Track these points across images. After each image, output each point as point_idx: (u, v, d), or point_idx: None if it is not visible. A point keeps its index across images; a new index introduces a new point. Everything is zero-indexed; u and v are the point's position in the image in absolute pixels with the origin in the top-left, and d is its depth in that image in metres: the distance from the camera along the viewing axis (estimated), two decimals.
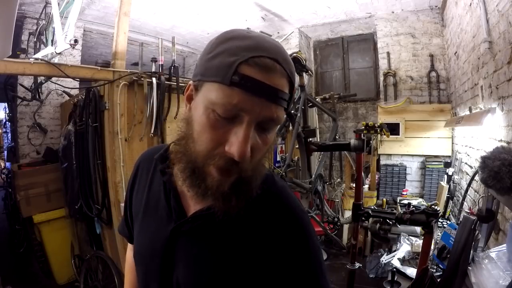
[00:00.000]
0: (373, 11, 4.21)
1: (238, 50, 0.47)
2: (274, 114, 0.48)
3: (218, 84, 0.47)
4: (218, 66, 0.47)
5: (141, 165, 0.73)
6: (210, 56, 0.49)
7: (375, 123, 2.07)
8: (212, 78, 0.48)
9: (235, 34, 0.50)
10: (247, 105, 0.46)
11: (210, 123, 0.48)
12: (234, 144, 0.47)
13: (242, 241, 0.56)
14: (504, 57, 1.79)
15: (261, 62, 0.46)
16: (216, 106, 0.47)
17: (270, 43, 0.50)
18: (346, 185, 4.14)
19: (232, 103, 0.46)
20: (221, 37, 0.51)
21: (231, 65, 0.46)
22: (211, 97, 0.47)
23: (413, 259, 2.44)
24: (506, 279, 1.30)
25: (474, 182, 2.43)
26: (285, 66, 0.49)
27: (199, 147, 0.50)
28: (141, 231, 0.67)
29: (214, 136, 0.48)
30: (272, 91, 0.47)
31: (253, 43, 0.48)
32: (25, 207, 2.92)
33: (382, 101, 4.26)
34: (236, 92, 0.46)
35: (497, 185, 1.28)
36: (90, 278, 2.63)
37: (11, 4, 0.95)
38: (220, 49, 0.49)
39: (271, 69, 0.47)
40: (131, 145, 2.36)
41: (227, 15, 4.18)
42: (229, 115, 0.47)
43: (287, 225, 0.58)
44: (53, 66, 2.10)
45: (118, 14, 2.39)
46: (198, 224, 0.57)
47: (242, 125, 0.47)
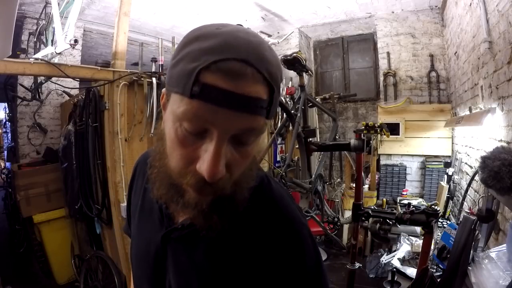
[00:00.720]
0: (373, 11, 4.21)
1: (200, 54, 0.40)
2: (249, 125, 0.42)
3: (180, 96, 0.41)
4: (178, 75, 0.41)
5: (138, 167, 0.72)
6: (174, 63, 0.43)
7: (375, 123, 2.07)
8: (174, 88, 0.42)
9: (201, 33, 0.43)
10: (213, 118, 0.40)
11: (178, 139, 0.43)
12: (204, 163, 0.42)
13: (232, 251, 0.53)
14: (504, 57, 1.79)
15: (225, 66, 0.39)
16: (182, 119, 0.41)
17: (241, 40, 0.41)
18: (346, 185, 4.14)
19: (196, 116, 0.40)
20: (186, 37, 0.45)
21: (191, 73, 0.39)
22: (175, 110, 0.42)
23: (413, 259, 2.44)
24: (506, 279, 1.30)
25: (474, 182, 2.43)
26: (260, 67, 0.41)
27: (172, 163, 0.46)
28: (136, 234, 0.66)
29: (184, 153, 0.43)
30: (242, 100, 0.39)
31: (218, 43, 0.40)
32: (25, 207, 2.92)
33: (382, 101, 4.26)
34: (198, 105, 0.39)
35: (497, 185, 1.28)
36: (90, 278, 2.63)
37: (11, 4, 0.95)
38: (183, 54, 0.42)
39: (238, 74, 0.39)
40: (131, 145, 2.36)
41: (227, 15, 4.18)
42: (197, 130, 0.41)
43: (282, 235, 0.53)
44: (53, 66, 2.10)
45: (118, 14, 2.39)
46: (187, 233, 0.54)
47: (212, 141, 0.41)
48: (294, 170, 3.03)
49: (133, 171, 0.74)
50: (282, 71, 0.47)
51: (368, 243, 3.59)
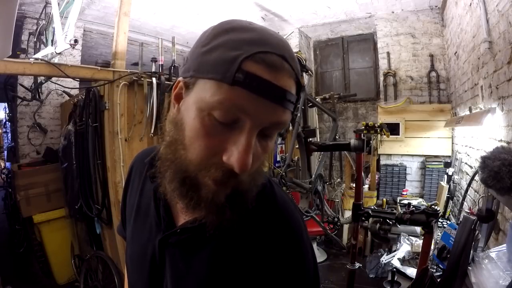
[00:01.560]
0: (373, 11, 4.21)
1: (241, 44, 0.41)
2: (280, 118, 0.42)
3: (217, 82, 0.40)
4: (216, 61, 0.40)
5: (134, 167, 0.69)
6: (206, 49, 0.42)
7: (375, 123, 2.08)
8: (209, 74, 0.41)
9: (236, 25, 0.43)
10: (251, 108, 0.40)
11: (205, 128, 0.42)
12: (234, 154, 0.41)
13: (231, 257, 0.51)
14: (504, 57, 1.79)
15: (268, 59, 0.40)
16: (213, 108, 0.40)
17: (275, 38, 0.43)
18: (346, 185, 4.14)
19: (234, 105, 0.40)
20: (218, 27, 0.44)
21: (234, 60, 0.39)
22: (206, 98, 0.41)
23: (413, 259, 2.44)
24: (506, 279, 1.30)
25: (474, 182, 2.43)
26: (293, 65, 0.43)
27: (191, 155, 0.43)
28: (132, 236, 0.64)
29: (209, 144, 0.42)
30: (280, 92, 0.41)
31: (257, 36, 0.41)
32: (25, 207, 2.92)
33: (382, 101, 4.26)
34: (239, 92, 0.39)
35: (497, 185, 1.28)
36: (90, 278, 2.63)
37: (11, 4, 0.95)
38: (219, 42, 0.42)
39: (279, 67, 0.41)
40: (131, 145, 2.36)
41: (227, 15, 4.17)
42: (229, 119, 0.41)
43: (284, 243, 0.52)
44: (53, 66, 2.10)
45: (118, 14, 2.39)
46: (186, 237, 0.52)
47: (244, 132, 0.41)
48: (294, 170, 3.03)
49: (128, 171, 0.71)
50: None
51: (368, 243, 3.59)
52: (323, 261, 3.59)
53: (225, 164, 0.42)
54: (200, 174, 0.44)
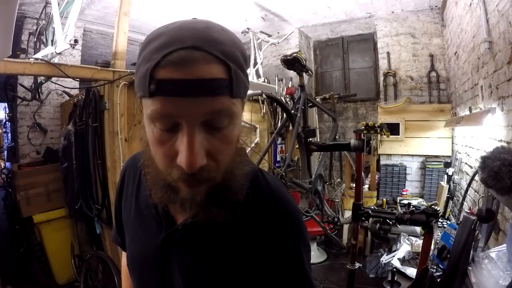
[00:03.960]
0: (373, 11, 4.21)
1: (151, 54, 0.42)
2: (213, 107, 0.42)
3: (144, 99, 0.43)
4: (139, 80, 0.44)
5: (127, 172, 0.70)
6: (136, 69, 0.46)
7: (375, 123, 2.07)
8: (139, 93, 0.44)
9: (152, 36, 0.44)
10: (177, 110, 0.41)
11: (156, 139, 0.45)
12: (182, 155, 0.42)
13: (234, 246, 0.54)
14: (504, 57, 1.79)
15: (174, 58, 0.40)
16: (153, 120, 0.43)
17: (186, 30, 0.42)
18: (346, 185, 4.14)
19: (161, 113, 0.41)
20: (142, 43, 0.46)
21: (145, 74, 0.41)
22: (146, 113, 0.44)
23: (413, 259, 2.44)
24: (506, 279, 1.30)
25: (474, 182, 2.43)
26: (209, 48, 0.41)
27: (158, 164, 0.47)
28: (132, 240, 0.65)
29: (164, 151, 0.45)
30: (197, 84, 0.40)
31: (165, 40, 0.41)
32: (25, 207, 2.92)
33: (382, 101, 4.26)
34: (159, 101, 0.41)
35: (497, 185, 1.28)
36: (90, 278, 2.63)
37: (11, 4, 0.95)
38: (140, 59, 0.45)
39: (187, 60, 0.40)
40: (131, 145, 2.36)
41: (227, 15, 4.18)
42: (168, 126, 0.43)
43: (281, 228, 0.55)
44: (53, 66, 2.09)
45: (118, 14, 2.39)
46: (188, 233, 0.55)
47: (183, 133, 0.42)
48: (294, 170, 3.03)
49: (121, 177, 0.71)
50: (241, 48, 0.47)
51: (368, 243, 3.59)
52: (323, 261, 3.59)
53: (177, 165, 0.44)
54: (170, 179, 0.46)
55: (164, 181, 0.48)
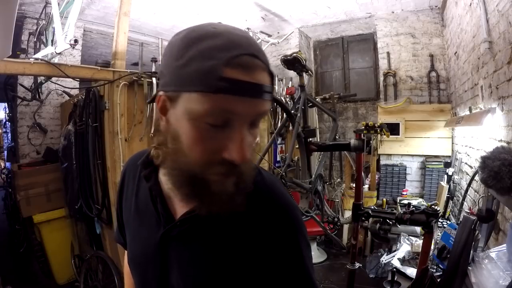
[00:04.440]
0: (373, 11, 4.21)
1: (213, 52, 0.44)
2: (262, 109, 0.47)
3: (202, 94, 0.44)
4: (196, 74, 0.44)
5: (127, 172, 0.71)
6: (182, 63, 0.45)
7: (375, 123, 2.07)
8: (192, 88, 0.44)
9: (202, 33, 0.46)
10: (237, 108, 0.45)
11: (201, 135, 0.46)
12: (233, 150, 0.46)
13: (233, 241, 0.55)
14: (504, 57, 1.79)
15: (241, 61, 0.44)
16: (205, 116, 0.45)
17: (241, 37, 0.47)
18: (346, 185, 4.14)
19: (222, 109, 0.44)
20: (186, 38, 0.47)
21: (212, 70, 0.43)
22: (196, 109, 0.45)
23: (413, 259, 2.44)
24: (506, 279, 1.30)
25: (474, 182, 2.43)
26: (263, 59, 0.47)
27: (194, 160, 0.48)
28: (133, 238, 0.66)
29: (208, 146, 0.47)
30: (258, 88, 0.45)
31: (226, 41, 0.45)
32: (25, 207, 2.92)
33: (382, 101, 4.26)
34: (224, 98, 0.43)
35: (497, 185, 1.28)
36: (90, 278, 2.63)
37: (11, 4, 0.95)
38: (192, 54, 0.44)
39: (252, 66, 0.45)
40: (131, 145, 2.36)
41: (227, 15, 4.18)
42: (220, 122, 0.45)
43: (278, 221, 0.56)
44: (53, 66, 2.09)
45: (118, 14, 2.39)
46: (186, 228, 0.56)
47: (236, 129, 0.46)
48: (294, 170, 3.03)
49: (122, 177, 0.72)
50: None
51: (368, 243, 3.59)
52: (323, 261, 3.59)
53: (226, 160, 0.47)
54: (207, 173, 0.48)
55: (193, 176, 0.49)
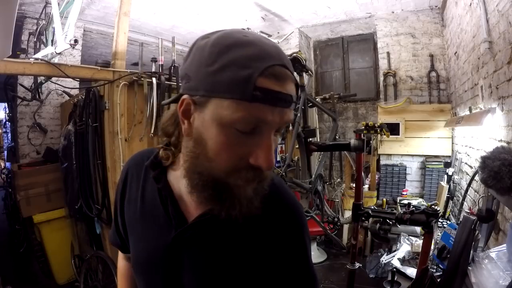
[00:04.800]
0: (373, 11, 4.21)
1: (248, 61, 0.45)
2: (289, 118, 0.49)
3: (236, 101, 0.44)
4: (230, 82, 0.44)
5: (130, 172, 0.69)
6: (214, 69, 0.45)
7: (375, 123, 2.07)
8: (225, 94, 0.45)
9: (234, 40, 0.47)
10: (268, 117, 0.46)
11: (230, 140, 0.47)
12: (261, 156, 0.47)
13: (245, 242, 0.57)
14: (504, 57, 1.79)
15: (275, 72, 0.45)
16: (236, 122, 0.45)
17: (271, 47, 0.48)
18: (346, 185, 4.14)
19: (255, 118, 0.45)
20: (218, 44, 0.47)
21: (248, 79, 0.44)
22: (228, 115, 0.45)
23: (413, 259, 2.44)
24: (506, 279, 1.30)
25: (474, 182, 2.43)
26: (291, 69, 0.49)
27: (219, 165, 0.48)
28: (138, 240, 0.64)
29: (236, 152, 0.48)
30: (288, 98, 0.47)
31: (259, 51, 0.46)
32: (25, 207, 2.92)
33: (382, 101, 4.26)
34: (258, 107, 0.45)
35: (497, 185, 1.28)
36: (90, 278, 2.63)
37: (11, 4, 0.95)
38: (226, 61, 0.45)
39: (283, 77, 0.47)
40: (131, 145, 2.36)
41: (227, 15, 4.18)
42: (249, 129, 0.46)
43: (288, 222, 0.59)
44: (53, 66, 2.09)
45: (118, 14, 2.39)
46: (200, 230, 0.56)
47: (264, 136, 0.48)
48: (294, 170, 3.03)
49: (123, 177, 0.70)
50: None
51: (368, 243, 3.58)
52: (323, 261, 3.59)
53: (252, 165, 0.48)
54: (230, 178, 0.49)
55: (216, 181, 0.49)
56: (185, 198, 0.58)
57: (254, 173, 0.49)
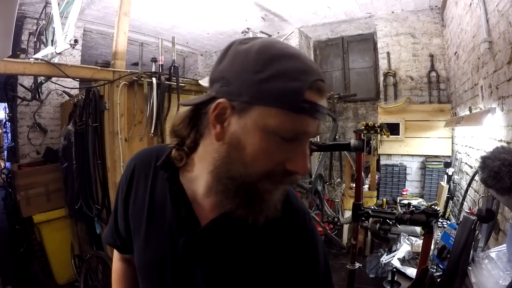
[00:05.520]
0: (373, 11, 4.21)
1: (296, 74, 0.47)
2: (320, 129, 0.52)
3: (283, 110, 0.46)
4: (280, 92, 0.46)
5: (137, 170, 0.66)
6: (263, 78, 0.46)
7: (375, 123, 2.08)
8: (273, 104, 0.46)
9: (280, 52, 0.48)
10: (310, 128, 0.49)
11: (271, 147, 0.48)
12: (299, 162, 0.50)
13: (259, 245, 0.57)
14: (504, 57, 1.79)
15: (319, 86, 0.48)
16: (280, 131, 0.47)
17: (312, 62, 0.51)
18: (346, 185, 4.14)
19: (299, 128, 0.48)
20: (265, 54, 0.48)
21: (298, 92, 0.46)
22: (273, 123, 0.47)
23: (413, 259, 2.44)
24: (506, 279, 1.30)
25: (474, 182, 2.43)
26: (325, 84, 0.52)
27: (255, 170, 0.49)
28: (146, 242, 0.62)
29: (274, 158, 0.49)
30: (324, 111, 0.50)
31: (304, 65, 0.48)
32: (25, 207, 2.92)
33: (382, 101, 4.26)
34: (302, 118, 0.47)
35: (497, 185, 1.28)
36: (90, 278, 2.63)
37: (11, 4, 0.95)
38: (275, 71, 0.46)
39: (324, 91, 0.50)
40: (131, 145, 2.36)
41: (227, 15, 4.18)
42: (291, 136, 0.48)
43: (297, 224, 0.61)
44: (53, 66, 2.10)
45: (118, 14, 2.39)
46: (213, 234, 0.56)
47: (302, 144, 0.50)
48: None
49: (128, 176, 0.67)
50: None
51: (368, 243, 3.58)
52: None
53: (288, 170, 0.50)
54: (261, 183, 0.50)
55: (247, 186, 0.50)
56: (198, 201, 0.58)
57: (285, 178, 0.51)
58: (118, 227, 0.70)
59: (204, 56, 6.01)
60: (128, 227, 0.67)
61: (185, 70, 6.17)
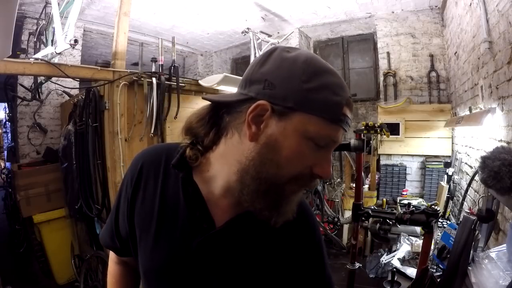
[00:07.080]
0: (373, 11, 4.21)
1: (338, 89, 0.51)
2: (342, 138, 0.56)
3: (324, 120, 0.50)
4: (325, 103, 0.50)
5: (144, 169, 0.63)
6: (311, 87, 0.49)
7: (375, 123, 2.08)
8: (317, 113, 0.49)
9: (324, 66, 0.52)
10: (339, 138, 0.53)
11: (306, 151, 0.51)
12: (325, 167, 0.53)
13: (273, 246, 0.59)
14: (504, 57, 1.79)
15: (350, 102, 0.53)
16: (317, 137, 0.51)
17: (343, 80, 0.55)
18: (346, 185, 4.14)
19: (332, 137, 0.52)
20: (312, 65, 0.51)
21: (339, 105, 0.51)
22: (313, 130, 0.50)
23: (413, 259, 2.44)
24: (506, 279, 1.30)
25: (474, 182, 2.43)
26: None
27: (287, 171, 0.51)
28: (156, 244, 0.59)
29: (305, 162, 0.52)
30: (350, 123, 0.55)
31: (341, 82, 0.53)
32: (25, 207, 2.92)
33: (382, 101, 4.26)
34: (337, 128, 0.52)
35: (497, 185, 1.28)
36: (90, 278, 2.63)
37: (11, 4, 0.95)
38: (321, 83, 0.50)
39: (352, 106, 0.55)
40: (131, 145, 2.36)
41: (227, 15, 4.18)
42: (323, 144, 0.52)
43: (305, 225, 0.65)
44: (53, 66, 2.10)
45: (118, 14, 2.39)
46: (228, 234, 0.57)
47: (329, 151, 0.54)
48: None
49: (135, 174, 0.64)
50: None
51: (368, 243, 3.58)
52: None
53: (314, 174, 0.53)
54: (288, 185, 0.53)
55: (276, 187, 0.52)
56: (213, 202, 0.57)
57: (310, 181, 0.54)
58: (119, 228, 0.67)
59: (204, 56, 6.01)
60: (132, 228, 0.64)
61: (185, 70, 6.17)
